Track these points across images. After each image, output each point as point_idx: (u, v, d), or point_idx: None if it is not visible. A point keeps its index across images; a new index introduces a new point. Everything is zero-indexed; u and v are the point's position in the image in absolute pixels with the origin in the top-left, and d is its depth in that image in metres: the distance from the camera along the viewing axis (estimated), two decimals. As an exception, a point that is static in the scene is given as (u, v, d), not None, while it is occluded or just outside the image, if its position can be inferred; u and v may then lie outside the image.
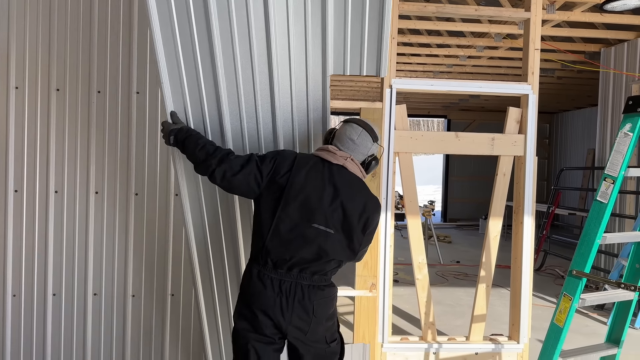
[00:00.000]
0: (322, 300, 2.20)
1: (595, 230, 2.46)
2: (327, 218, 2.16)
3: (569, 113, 12.30)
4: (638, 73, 5.83)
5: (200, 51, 2.32)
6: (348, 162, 2.23)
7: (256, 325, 2.17)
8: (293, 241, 2.14)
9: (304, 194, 2.16)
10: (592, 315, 5.30)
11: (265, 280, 2.16)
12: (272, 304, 2.14)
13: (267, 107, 2.51)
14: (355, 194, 2.21)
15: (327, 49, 2.55)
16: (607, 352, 2.74)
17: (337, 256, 2.20)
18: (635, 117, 2.41)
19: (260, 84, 2.44)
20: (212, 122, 2.47)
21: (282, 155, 2.23)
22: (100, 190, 3.24)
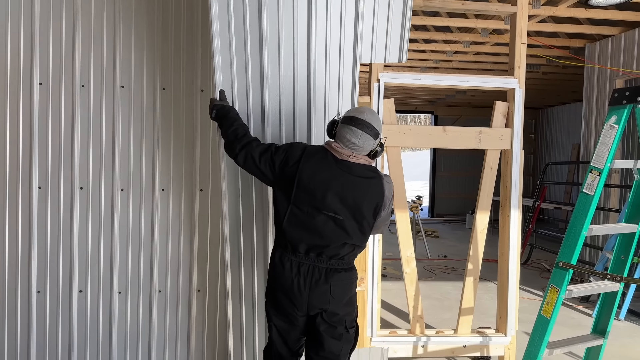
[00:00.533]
0: (340, 283, 2.30)
1: (582, 222, 2.48)
2: (336, 205, 2.26)
3: (554, 108, 12.42)
4: (622, 68, 5.89)
5: (250, 35, 2.61)
6: (352, 157, 2.32)
7: (277, 305, 2.35)
8: (305, 227, 2.28)
9: (314, 183, 2.28)
10: (577, 308, 5.36)
11: (285, 262, 2.31)
12: (289, 284, 2.29)
13: (303, 94, 2.71)
14: (363, 181, 2.30)
15: (359, 37, 2.74)
16: (593, 342, 2.77)
17: (349, 240, 2.29)
18: (620, 109, 2.43)
19: (299, 71, 2.67)
20: (254, 103, 2.69)
21: (293, 147, 2.36)
22: (125, 187, 3.21)
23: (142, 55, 3.18)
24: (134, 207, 3.22)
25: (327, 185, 2.27)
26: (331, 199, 2.26)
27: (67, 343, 3.22)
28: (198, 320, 3.30)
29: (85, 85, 3.16)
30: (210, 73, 3.18)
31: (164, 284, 3.26)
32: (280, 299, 2.34)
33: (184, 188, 3.25)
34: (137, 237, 3.23)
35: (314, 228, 2.28)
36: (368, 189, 2.30)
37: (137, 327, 3.26)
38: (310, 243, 2.28)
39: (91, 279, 3.21)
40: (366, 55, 2.85)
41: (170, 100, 3.21)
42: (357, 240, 2.32)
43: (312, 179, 2.28)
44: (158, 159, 3.22)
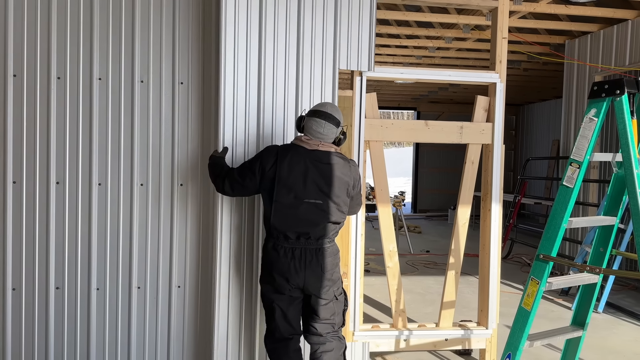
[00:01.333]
0: (329, 259, 2.69)
1: (562, 215, 2.50)
2: (315, 191, 2.62)
3: (535, 105, 12.58)
4: (601, 64, 5.97)
5: (251, 47, 3.10)
6: (320, 146, 2.68)
7: (276, 286, 2.67)
8: (292, 216, 2.62)
9: (293, 176, 2.62)
10: (557, 301, 5.43)
11: (279, 250, 2.64)
12: (286, 268, 2.62)
13: (292, 93, 3.16)
14: (333, 166, 2.66)
15: (337, 47, 3.20)
16: (572, 334, 2.80)
17: (331, 219, 2.66)
18: (600, 102, 2.45)
19: (289, 73, 3.14)
20: (252, 100, 3.10)
21: (266, 152, 2.70)
22: (103, 182, 3.15)
23: (119, 47, 3.13)
24: (112, 202, 3.16)
25: (304, 175, 2.62)
26: (310, 187, 2.62)
27: (44, 340, 3.15)
28: (178, 317, 3.26)
29: (102, 78, 3.11)
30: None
31: (143, 280, 3.22)
32: (280, 282, 2.64)
33: (162, 183, 3.20)
34: (116, 233, 3.17)
35: (299, 216, 2.61)
36: (338, 173, 2.67)
37: (116, 323, 3.20)
38: (298, 230, 2.62)
39: (68, 275, 3.14)
40: (343, 63, 3.25)
41: (149, 94, 3.16)
42: (337, 218, 2.69)
43: (291, 174, 2.61)
44: (137, 154, 3.17)
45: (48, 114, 3.08)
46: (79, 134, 3.11)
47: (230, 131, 3.10)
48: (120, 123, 3.15)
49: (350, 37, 3.26)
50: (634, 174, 2.37)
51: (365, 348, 3.48)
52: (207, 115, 3.23)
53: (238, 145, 3.11)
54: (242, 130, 3.12)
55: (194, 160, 3.23)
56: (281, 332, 2.74)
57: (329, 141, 2.71)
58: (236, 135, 3.11)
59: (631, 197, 2.39)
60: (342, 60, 3.25)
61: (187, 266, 3.26)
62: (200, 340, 3.30)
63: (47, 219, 3.10)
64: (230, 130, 3.10)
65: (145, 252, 3.20)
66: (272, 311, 2.73)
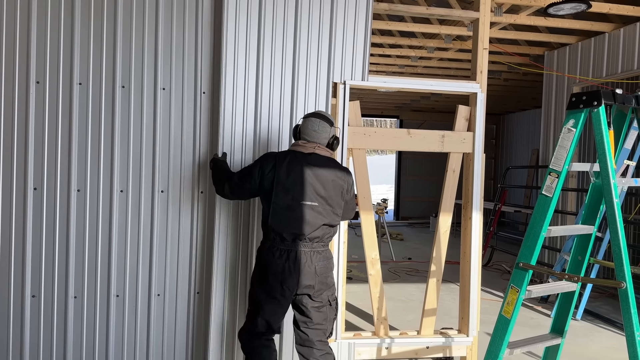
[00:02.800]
0: (323, 262, 2.75)
1: (541, 223, 2.53)
2: (311, 194, 2.71)
3: (515, 114, 12.76)
4: (579, 75, 6.10)
5: (251, 59, 3.23)
6: (317, 149, 2.80)
7: (267, 288, 2.71)
8: (289, 218, 2.69)
9: (289, 181, 2.71)
10: (537, 308, 5.49)
11: (275, 252, 2.71)
12: (280, 270, 2.67)
13: (287, 102, 3.28)
14: (328, 171, 2.77)
15: (331, 60, 3.34)
16: (551, 341, 2.83)
17: (326, 222, 2.74)
18: (578, 113, 2.50)
19: (285, 84, 3.27)
20: (249, 108, 3.24)
21: (264, 159, 2.81)
22: (82, 188, 3.10)
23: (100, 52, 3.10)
24: (90, 208, 3.11)
25: (301, 178, 2.71)
26: (307, 190, 2.70)
27: (62, 349, 3.11)
28: (157, 326, 3.22)
29: (82, 83, 3.09)
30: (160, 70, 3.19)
31: (122, 288, 3.16)
32: (273, 284, 2.69)
33: (143, 189, 3.16)
34: (94, 239, 3.12)
35: (296, 218, 2.69)
36: (333, 177, 2.77)
37: (94, 332, 3.15)
38: (294, 231, 2.68)
39: (45, 283, 3.08)
40: (337, 75, 3.37)
41: (130, 100, 3.14)
42: (332, 220, 2.77)
43: (288, 177, 2.71)
44: (117, 160, 3.13)
45: (26, 118, 3.03)
46: (58, 139, 3.07)
47: (228, 139, 3.17)
48: (101, 128, 3.11)
49: (345, 51, 3.36)
50: (610, 183, 2.41)
51: (351, 348, 3.47)
52: (188, 121, 3.21)
53: (235, 151, 3.17)
54: (240, 137, 3.20)
55: (175, 167, 3.20)
56: (259, 328, 2.77)
57: (324, 142, 2.82)
58: (234, 142, 3.19)
59: (608, 206, 2.43)
60: (336, 73, 3.35)
61: (167, 274, 3.22)
62: (178, 349, 3.25)
63: (23, 225, 3.04)
64: (228, 138, 3.17)
65: (124, 260, 3.16)
66: (257, 311, 2.75)
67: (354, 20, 3.35)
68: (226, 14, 3.13)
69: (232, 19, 3.15)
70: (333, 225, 2.80)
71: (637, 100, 2.57)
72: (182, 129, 3.20)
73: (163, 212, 3.19)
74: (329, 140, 2.84)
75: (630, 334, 2.33)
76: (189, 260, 3.23)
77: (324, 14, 3.29)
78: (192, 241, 3.23)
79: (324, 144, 2.83)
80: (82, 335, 3.14)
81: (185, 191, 3.21)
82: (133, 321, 3.19)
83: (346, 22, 3.34)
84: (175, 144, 3.20)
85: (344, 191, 2.82)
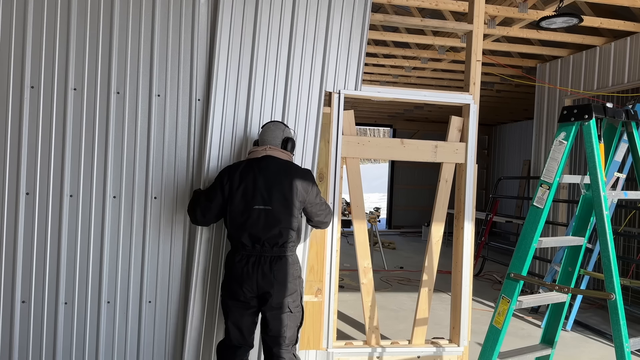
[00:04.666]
0: (282, 268, 2.76)
1: (532, 234, 2.56)
2: (264, 198, 2.75)
3: (507, 125, 12.87)
4: (570, 88, 6.17)
5: (243, 68, 3.25)
6: (269, 150, 2.85)
7: (232, 293, 2.78)
8: (245, 224, 2.74)
9: (242, 187, 2.77)
10: (527, 319, 5.51)
11: (236, 257, 2.78)
12: (239, 272, 2.74)
13: (279, 111, 3.30)
14: (281, 173, 2.80)
15: (325, 70, 3.35)
16: (541, 352, 2.84)
17: (281, 225, 2.76)
18: (569, 126, 2.53)
19: (277, 92, 3.28)
20: (239, 117, 3.24)
21: (221, 173, 2.87)
22: (75, 194, 3.09)
23: (95, 57, 3.10)
24: (83, 214, 3.10)
25: (253, 184, 2.76)
26: (258, 194, 2.75)
27: (52, 356, 3.07)
28: (148, 333, 3.20)
29: (77, 88, 3.08)
30: None
31: (113, 294, 3.15)
32: (234, 288, 2.76)
33: (136, 195, 3.16)
34: (86, 245, 3.11)
35: (251, 223, 2.74)
36: (287, 179, 2.79)
37: (84, 339, 3.12)
38: (252, 236, 2.73)
39: (35, 289, 3.06)
40: (330, 85, 3.40)
41: (125, 106, 3.14)
42: (288, 224, 2.78)
43: (240, 184, 2.77)
44: (110, 165, 3.12)
45: (20, 122, 3.02)
46: (52, 144, 3.06)
47: (217, 146, 3.16)
48: (95, 134, 3.11)
49: (339, 62, 3.39)
50: (601, 195, 2.44)
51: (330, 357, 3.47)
52: (183, 128, 3.21)
53: (224, 157, 3.16)
54: (229, 144, 3.20)
55: (169, 174, 3.20)
56: (231, 339, 2.82)
57: (276, 142, 2.88)
58: (222, 149, 3.18)
59: (598, 218, 2.46)
60: (329, 82, 3.38)
61: (159, 281, 3.21)
62: (170, 356, 3.23)
63: (15, 230, 3.02)
64: (217, 145, 3.16)
65: (115, 266, 3.15)
66: (227, 316, 2.83)
67: (349, 32, 3.38)
68: (220, 20, 3.14)
69: (226, 24, 3.16)
70: (293, 228, 2.80)
71: (627, 114, 2.61)
72: (176, 136, 3.20)
73: (156, 219, 3.19)
74: (282, 140, 2.88)
75: (620, 345, 2.36)
76: (181, 267, 3.22)
77: (319, 22, 3.32)
78: (184, 248, 3.22)
79: (277, 144, 2.87)
80: (72, 342, 3.11)
81: (178, 198, 3.20)
82: (124, 328, 3.17)
83: (341, 32, 3.37)
84: (170, 151, 3.21)
85: (302, 192, 2.80)
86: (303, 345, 3.35)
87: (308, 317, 3.35)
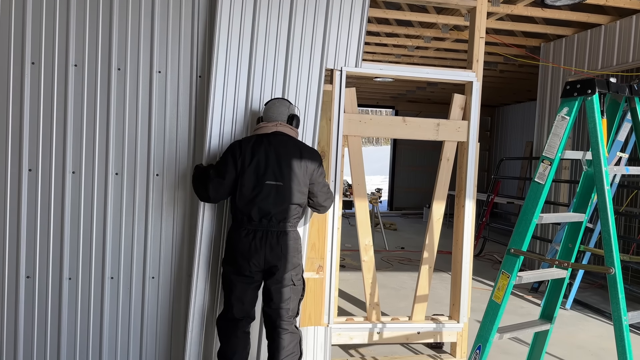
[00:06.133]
0: (290, 242, 2.83)
1: (533, 210, 2.56)
2: (275, 174, 2.79)
3: (510, 107, 12.80)
4: (574, 67, 6.12)
5: (244, 45, 3.20)
6: (279, 126, 2.88)
7: (237, 268, 2.80)
8: (255, 199, 2.77)
9: (254, 162, 2.80)
10: (527, 298, 5.56)
11: (242, 232, 2.80)
12: (247, 248, 2.77)
13: (279, 88, 3.27)
14: (291, 150, 2.84)
15: (326, 46, 3.32)
16: (540, 327, 2.87)
17: (292, 201, 2.81)
18: (572, 101, 2.52)
19: (277, 69, 3.25)
20: (240, 93, 3.20)
21: (231, 148, 2.87)
22: (77, 170, 3.10)
23: (96, 33, 3.09)
24: (85, 191, 3.11)
25: (265, 159, 2.79)
26: (270, 170, 2.78)
27: (57, 330, 3.12)
28: (151, 308, 3.24)
29: (77, 65, 3.07)
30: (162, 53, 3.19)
31: (116, 270, 3.18)
32: (241, 263, 2.78)
33: (138, 172, 3.17)
34: (89, 222, 3.13)
35: (262, 197, 2.77)
36: (298, 156, 2.83)
37: (88, 314, 3.16)
38: (261, 211, 2.76)
39: (39, 264, 3.08)
40: (331, 62, 3.38)
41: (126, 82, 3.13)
42: (298, 199, 2.83)
43: (253, 159, 2.79)
44: (112, 142, 3.13)
45: (21, 99, 3.02)
46: (53, 120, 3.06)
47: (217, 122, 3.14)
48: (96, 111, 3.11)
49: (340, 38, 3.36)
50: (602, 170, 2.44)
51: (327, 333, 3.51)
52: (184, 104, 3.21)
53: (225, 135, 3.15)
54: (230, 121, 3.17)
55: (170, 151, 3.21)
56: (233, 313, 2.85)
57: (283, 118, 2.90)
58: (223, 126, 3.15)
59: (599, 193, 2.46)
60: (329, 59, 3.35)
61: (162, 257, 3.23)
62: (174, 331, 3.27)
63: (18, 206, 3.04)
64: (218, 121, 3.14)
65: (118, 242, 3.17)
66: (230, 292, 2.85)
67: (350, 8, 3.34)
68: (222, -5, 3.11)
69: (226, 6, 3.13)
70: (300, 205, 2.85)
71: (630, 89, 2.59)
72: (177, 113, 3.20)
73: (158, 195, 3.20)
74: (288, 118, 2.91)
75: (618, 318, 2.38)
76: (182, 243, 3.25)
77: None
78: (186, 225, 3.24)
79: (284, 120, 2.90)
80: (77, 317, 3.15)
81: (180, 175, 3.21)
82: (127, 303, 3.21)
83: (342, 9, 3.33)
84: (171, 128, 3.20)
85: (309, 169, 2.85)
86: (304, 321, 3.39)
87: (309, 294, 3.38)
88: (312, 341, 3.43)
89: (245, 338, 2.91)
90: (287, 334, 2.86)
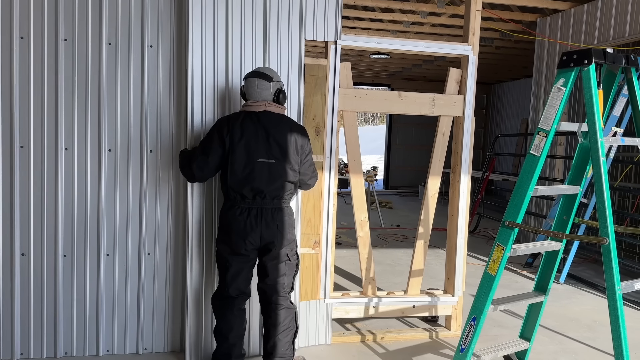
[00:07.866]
0: (285, 218, 2.84)
1: (528, 183, 2.56)
2: (267, 151, 2.77)
3: (505, 84, 12.75)
4: (570, 42, 6.08)
5: (219, 15, 3.08)
6: (267, 106, 2.83)
7: (232, 246, 2.79)
8: (247, 176, 2.75)
9: (244, 140, 2.76)
10: (521, 272, 5.61)
11: (236, 210, 2.77)
12: (242, 226, 2.75)
13: (259, 60, 3.17)
14: (282, 127, 2.82)
15: (303, 17, 3.22)
16: (535, 299, 2.90)
17: (284, 178, 2.80)
18: (568, 72, 2.50)
19: (256, 41, 3.16)
20: (219, 66, 3.11)
21: (218, 123, 2.82)
22: (69, 147, 3.07)
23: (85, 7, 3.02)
24: (79, 168, 3.09)
25: (255, 137, 2.76)
26: (262, 148, 2.76)
27: (53, 308, 3.12)
28: (147, 285, 3.24)
29: (67, 39, 3.01)
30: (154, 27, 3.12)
31: (112, 247, 3.17)
32: (236, 241, 2.77)
33: (131, 149, 3.14)
34: (83, 199, 3.11)
35: (254, 176, 2.74)
36: (288, 134, 2.81)
37: (84, 291, 3.16)
38: (254, 188, 2.74)
39: (34, 242, 3.07)
40: (310, 34, 3.27)
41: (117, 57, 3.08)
42: (290, 177, 2.83)
43: (243, 136, 2.75)
44: (104, 118, 3.09)
45: (11, 75, 2.97)
46: (44, 96, 3.01)
47: (199, 98, 3.08)
48: (88, 86, 3.06)
49: (317, 8, 3.26)
50: (598, 141, 2.44)
51: (329, 307, 3.53)
52: (177, 80, 3.17)
53: (207, 112, 3.10)
54: (211, 97, 3.11)
55: (164, 127, 3.17)
56: (229, 291, 2.86)
57: (270, 98, 2.84)
58: (205, 102, 3.10)
59: (594, 164, 2.46)
60: (308, 31, 3.26)
61: (157, 234, 3.23)
62: (171, 307, 3.29)
63: (11, 183, 3.02)
64: (199, 97, 3.08)
65: (113, 219, 3.16)
66: (225, 270, 2.84)
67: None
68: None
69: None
70: (292, 181, 2.85)
71: (627, 59, 2.57)
72: (169, 88, 3.16)
73: (152, 172, 3.18)
74: (274, 95, 2.86)
75: (611, 287, 2.40)
76: (176, 219, 3.24)
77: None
78: (180, 201, 3.23)
79: (271, 99, 2.85)
80: (73, 294, 3.15)
81: (174, 151, 3.19)
82: (123, 280, 3.21)
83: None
84: (163, 104, 3.16)
85: (299, 146, 2.84)
86: (301, 296, 3.40)
87: (305, 269, 3.40)
88: (314, 315, 3.46)
89: (241, 315, 2.92)
90: (283, 309, 2.88)
